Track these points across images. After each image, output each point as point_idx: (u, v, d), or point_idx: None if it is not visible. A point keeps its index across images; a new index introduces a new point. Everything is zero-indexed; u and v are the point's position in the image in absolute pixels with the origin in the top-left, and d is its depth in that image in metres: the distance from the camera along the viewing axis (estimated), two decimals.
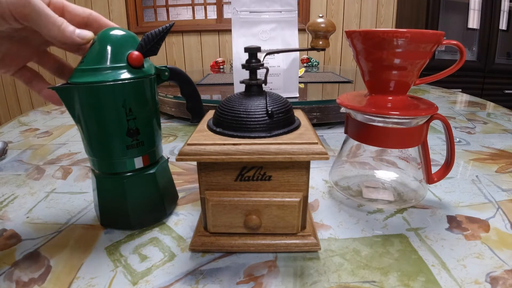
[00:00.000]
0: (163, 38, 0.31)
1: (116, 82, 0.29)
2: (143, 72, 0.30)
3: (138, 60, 0.29)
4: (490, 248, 0.31)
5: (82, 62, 0.29)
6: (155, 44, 0.30)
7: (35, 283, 0.27)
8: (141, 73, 0.30)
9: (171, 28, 0.31)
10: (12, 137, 0.67)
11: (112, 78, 0.29)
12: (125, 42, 0.30)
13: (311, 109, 0.68)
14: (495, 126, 0.70)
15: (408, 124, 0.34)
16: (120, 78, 0.29)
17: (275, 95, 0.31)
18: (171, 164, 0.52)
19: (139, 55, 0.29)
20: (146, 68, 0.31)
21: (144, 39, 0.30)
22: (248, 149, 0.27)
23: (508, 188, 0.42)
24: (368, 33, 0.32)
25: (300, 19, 2.49)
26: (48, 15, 0.27)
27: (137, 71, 0.30)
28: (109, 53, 0.29)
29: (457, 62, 0.34)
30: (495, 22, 1.96)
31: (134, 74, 0.30)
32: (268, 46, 0.69)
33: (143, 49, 0.30)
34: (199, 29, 2.54)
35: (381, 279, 0.27)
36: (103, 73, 0.29)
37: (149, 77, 0.32)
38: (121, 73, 0.29)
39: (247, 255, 0.30)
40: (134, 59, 0.29)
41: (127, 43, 0.30)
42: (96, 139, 0.31)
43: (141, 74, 0.30)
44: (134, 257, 0.30)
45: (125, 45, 0.30)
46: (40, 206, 0.40)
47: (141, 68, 0.30)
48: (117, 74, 0.29)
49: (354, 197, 0.40)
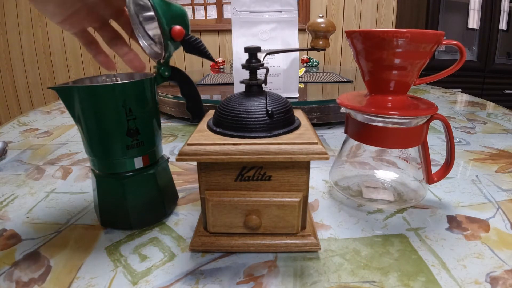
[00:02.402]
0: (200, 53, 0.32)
1: (116, 82, 0.29)
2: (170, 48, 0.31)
3: (180, 34, 0.30)
4: (490, 248, 0.31)
5: None
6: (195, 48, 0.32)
7: (35, 283, 0.27)
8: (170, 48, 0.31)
9: (210, 57, 0.33)
10: (12, 137, 0.67)
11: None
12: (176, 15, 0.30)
13: (311, 109, 0.68)
14: (495, 126, 0.70)
15: (408, 124, 0.34)
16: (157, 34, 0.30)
17: (275, 95, 0.31)
18: (171, 164, 0.52)
19: (181, 30, 0.30)
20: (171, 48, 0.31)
21: (196, 38, 0.31)
22: (248, 149, 0.27)
23: (508, 188, 0.42)
24: (368, 33, 0.32)
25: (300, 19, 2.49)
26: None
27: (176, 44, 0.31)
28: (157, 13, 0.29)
29: (457, 62, 0.34)
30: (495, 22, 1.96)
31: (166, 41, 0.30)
32: (268, 46, 0.69)
33: (187, 35, 0.31)
34: (199, 29, 2.54)
35: (381, 279, 0.27)
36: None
37: (149, 77, 0.32)
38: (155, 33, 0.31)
39: (247, 255, 0.30)
40: (176, 32, 0.30)
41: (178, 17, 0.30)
42: (96, 139, 0.31)
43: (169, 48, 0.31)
44: (134, 257, 0.30)
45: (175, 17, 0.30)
46: (40, 206, 0.40)
47: (173, 43, 0.31)
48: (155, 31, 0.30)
49: (354, 197, 0.40)
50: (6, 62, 2.56)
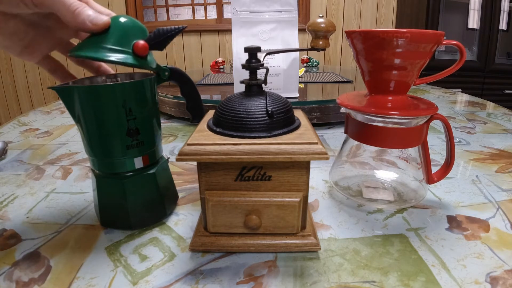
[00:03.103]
0: (173, 37, 0.31)
1: (116, 82, 0.29)
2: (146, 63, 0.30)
3: (144, 49, 0.29)
4: (490, 248, 0.31)
5: (89, 37, 0.29)
6: (164, 40, 0.30)
7: (35, 283, 0.27)
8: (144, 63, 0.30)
9: (182, 30, 0.31)
10: (12, 137, 0.67)
11: (110, 58, 0.28)
12: (134, 31, 0.30)
13: (311, 109, 0.68)
14: (495, 126, 0.70)
15: (408, 124, 0.34)
16: (119, 60, 0.28)
17: (275, 95, 0.31)
18: (171, 164, 0.52)
19: (145, 45, 0.29)
20: (149, 60, 0.31)
21: (154, 32, 0.30)
22: (248, 149, 0.27)
23: (508, 188, 0.42)
24: (368, 33, 0.32)
25: (300, 19, 2.49)
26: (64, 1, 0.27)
27: (141, 61, 0.30)
28: (116, 34, 0.29)
29: (457, 62, 0.34)
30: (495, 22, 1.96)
31: (135, 62, 0.29)
32: (268, 46, 0.69)
33: (150, 41, 0.30)
34: (199, 29, 2.54)
35: (381, 279, 0.27)
36: (104, 51, 0.28)
37: (149, 77, 0.32)
38: (122, 57, 0.28)
39: (247, 255, 0.30)
40: (140, 47, 0.29)
41: (137, 32, 0.30)
42: (96, 139, 0.31)
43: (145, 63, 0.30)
44: (134, 257, 0.30)
45: (134, 33, 0.30)
46: (40, 206, 0.40)
47: (144, 58, 0.30)
48: (117, 56, 0.28)
49: (354, 197, 0.40)
50: (6, 62, 2.56)
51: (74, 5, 0.27)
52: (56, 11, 0.27)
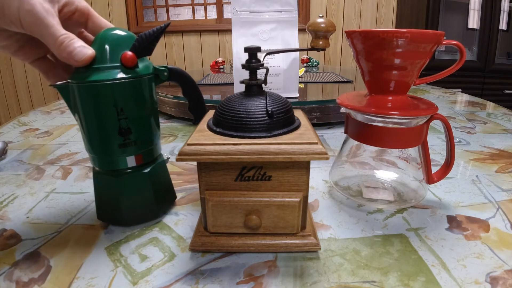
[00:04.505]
0: (158, 38, 0.31)
1: (106, 82, 0.29)
2: (136, 73, 0.30)
3: (131, 60, 0.29)
4: (490, 248, 0.31)
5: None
6: (149, 44, 0.30)
7: (35, 283, 0.27)
8: (134, 73, 0.30)
9: (166, 28, 0.31)
10: (12, 137, 0.67)
11: (106, 78, 0.29)
12: (121, 42, 0.30)
13: (311, 109, 0.68)
14: (495, 126, 0.70)
15: (408, 124, 0.34)
16: (112, 78, 0.29)
17: (275, 95, 0.31)
18: (171, 164, 0.52)
19: (132, 56, 0.29)
20: (141, 69, 0.31)
21: (137, 40, 0.30)
22: (248, 149, 0.27)
23: (508, 188, 0.42)
24: (368, 33, 0.32)
25: (300, 19, 2.49)
26: (50, 31, 0.27)
27: (131, 71, 0.30)
28: (105, 53, 0.29)
29: (457, 62, 0.34)
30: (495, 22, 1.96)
31: (128, 74, 0.30)
32: (268, 46, 0.69)
33: (136, 50, 0.30)
34: (199, 29, 2.54)
35: (381, 279, 0.27)
36: (98, 72, 0.29)
37: (142, 77, 0.31)
38: (115, 73, 0.29)
39: (247, 255, 0.30)
40: (127, 59, 0.29)
41: (124, 43, 0.30)
42: (91, 136, 0.32)
43: (135, 74, 0.30)
44: (134, 257, 0.30)
45: (121, 45, 0.30)
46: (40, 206, 0.40)
47: (134, 68, 0.30)
48: (111, 74, 0.29)
49: (354, 197, 0.40)
50: (6, 62, 2.56)
51: (61, 39, 0.27)
52: (44, 41, 0.28)
